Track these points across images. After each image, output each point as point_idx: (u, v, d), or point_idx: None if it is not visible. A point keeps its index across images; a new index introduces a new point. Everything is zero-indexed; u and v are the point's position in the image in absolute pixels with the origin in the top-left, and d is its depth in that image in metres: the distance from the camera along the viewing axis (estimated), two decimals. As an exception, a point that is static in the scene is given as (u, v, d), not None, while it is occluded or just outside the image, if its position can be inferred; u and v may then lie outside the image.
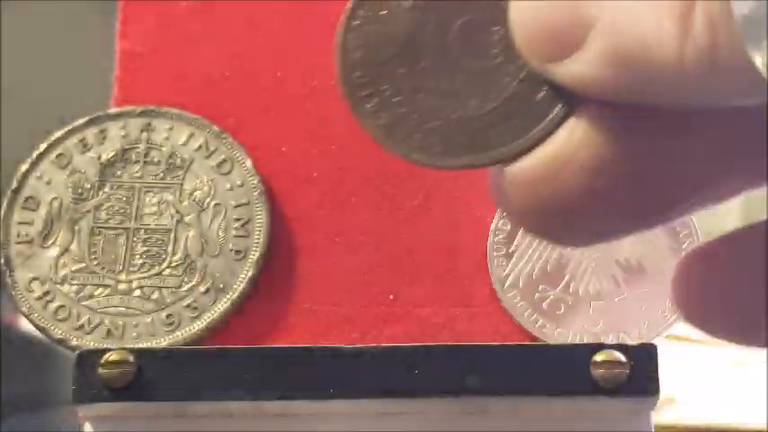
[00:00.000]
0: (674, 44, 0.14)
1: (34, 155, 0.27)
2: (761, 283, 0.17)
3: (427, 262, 0.27)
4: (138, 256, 0.26)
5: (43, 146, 0.27)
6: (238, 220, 0.26)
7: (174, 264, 0.26)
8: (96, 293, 0.26)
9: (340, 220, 0.27)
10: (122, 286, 0.26)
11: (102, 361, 0.24)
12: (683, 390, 0.51)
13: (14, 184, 0.26)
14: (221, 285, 0.26)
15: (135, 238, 0.26)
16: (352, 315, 0.26)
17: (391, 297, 0.27)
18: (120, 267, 0.26)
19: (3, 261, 0.26)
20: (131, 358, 0.24)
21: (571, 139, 0.17)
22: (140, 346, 0.25)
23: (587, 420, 0.24)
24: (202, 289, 0.26)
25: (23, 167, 0.27)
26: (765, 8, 0.12)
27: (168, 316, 0.25)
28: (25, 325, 0.59)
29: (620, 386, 0.23)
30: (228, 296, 0.26)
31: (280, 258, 0.27)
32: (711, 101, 0.15)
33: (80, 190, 0.27)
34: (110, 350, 0.24)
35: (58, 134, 0.27)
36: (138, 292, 0.26)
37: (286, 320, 0.26)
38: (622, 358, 0.23)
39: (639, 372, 0.23)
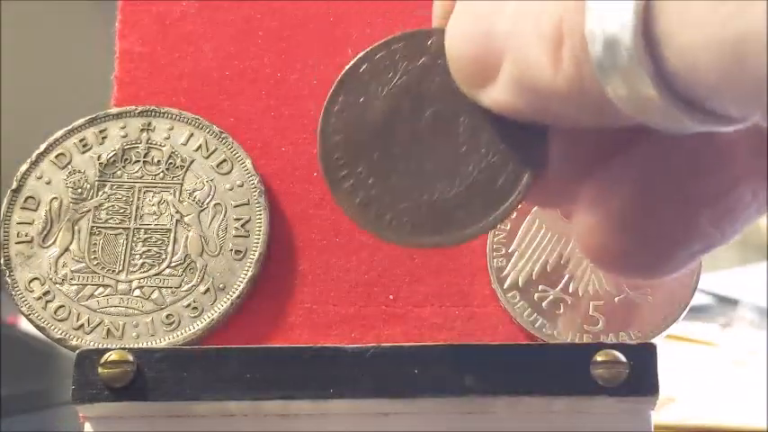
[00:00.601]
0: (549, 74, 0.17)
1: (34, 155, 0.27)
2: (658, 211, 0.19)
3: (427, 262, 0.27)
4: (137, 256, 0.26)
5: (43, 146, 0.27)
6: (238, 220, 0.26)
7: (174, 264, 0.26)
8: (96, 293, 0.26)
9: (340, 220, 0.27)
10: (122, 286, 0.26)
11: (102, 361, 0.24)
12: (683, 390, 0.51)
13: (14, 184, 0.26)
14: (221, 285, 0.26)
15: (135, 238, 0.26)
16: (352, 315, 0.26)
17: (391, 297, 0.27)
18: (120, 267, 0.26)
19: (3, 261, 0.26)
20: (131, 358, 0.24)
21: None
22: (140, 346, 0.25)
23: (587, 420, 0.24)
24: (202, 289, 0.26)
25: (23, 167, 0.27)
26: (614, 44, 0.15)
27: (168, 316, 0.25)
28: (25, 325, 0.59)
29: (620, 386, 0.23)
30: (228, 296, 0.26)
31: (280, 258, 0.27)
32: (598, 121, 0.18)
33: (80, 190, 0.27)
34: (110, 350, 0.24)
35: (58, 134, 0.27)
36: (137, 292, 0.26)
37: (286, 320, 0.26)
38: (622, 358, 0.23)
39: (639, 372, 0.23)
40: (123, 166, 0.27)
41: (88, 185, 0.27)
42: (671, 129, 0.17)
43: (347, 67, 0.23)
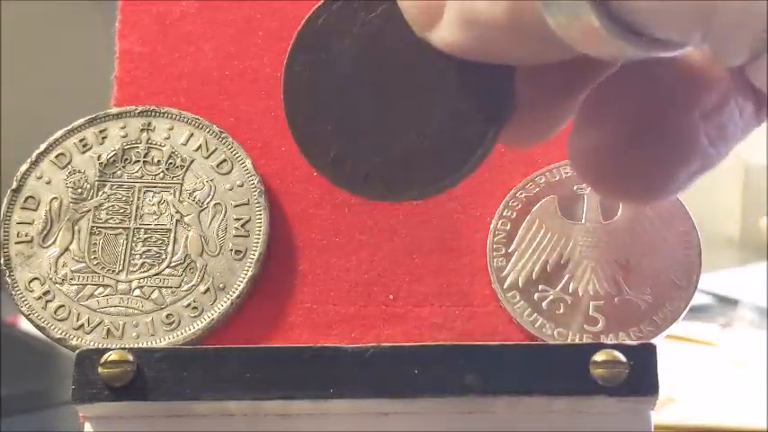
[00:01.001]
0: (487, 6, 0.17)
1: (34, 155, 0.27)
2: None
3: (427, 262, 0.27)
4: (137, 256, 0.26)
5: (43, 146, 0.27)
6: (238, 219, 0.26)
7: (173, 263, 0.26)
8: (96, 293, 0.26)
9: (340, 220, 0.27)
10: (122, 286, 0.26)
11: (102, 360, 0.24)
12: (683, 390, 0.51)
13: (14, 184, 0.26)
14: (221, 285, 0.26)
15: (135, 238, 0.26)
16: (352, 315, 0.26)
17: (391, 297, 0.27)
18: (120, 267, 0.26)
19: (3, 261, 0.26)
20: (131, 358, 0.24)
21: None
22: (140, 345, 0.25)
23: (587, 420, 0.24)
24: (202, 289, 0.26)
25: (23, 167, 0.27)
26: None
27: (168, 316, 0.25)
28: (25, 325, 0.59)
29: (620, 386, 0.23)
30: (228, 296, 0.26)
31: (280, 258, 0.27)
32: (542, 55, 0.18)
33: (80, 190, 0.27)
34: (110, 350, 0.24)
35: (57, 134, 0.27)
36: (137, 292, 0.26)
37: (286, 320, 0.26)
38: (622, 358, 0.23)
39: (639, 371, 0.23)
40: (123, 166, 0.27)
41: (88, 185, 0.27)
42: (615, 57, 0.17)
43: (304, 20, 0.22)
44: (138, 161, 0.27)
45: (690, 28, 0.15)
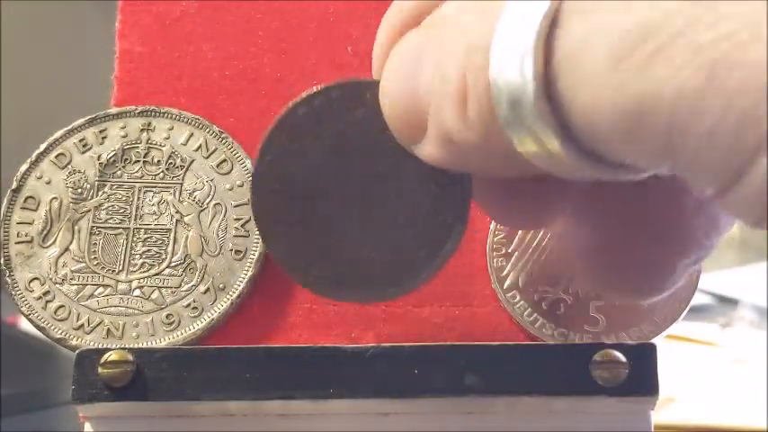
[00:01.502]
0: (460, 128, 0.17)
1: (34, 155, 0.27)
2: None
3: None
4: (137, 256, 0.26)
5: (43, 146, 0.27)
6: (238, 220, 0.26)
7: (173, 263, 0.26)
8: (96, 293, 0.26)
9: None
10: (122, 286, 0.26)
11: (102, 361, 0.24)
12: (683, 390, 0.51)
13: (14, 184, 0.26)
14: (221, 285, 0.26)
15: (135, 238, 0.26)
16: (352, 315, 0.26)
17: (391, 297, 0.27)
18: (120, 267, 0.26)
19: (3, 261, 0.26)
20: (131, 358, 0.24)
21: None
22: (140, 346, 0.25)
23: (587, 420, 0.24)
24: (202, 289, 0.26)
25: (23, 167, 0.27)
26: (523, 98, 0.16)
27: (168, 316, 0.25)
28: (25, 325, 0.59)
29: (620, 386, 0.23)
30: (228, 296, 0.26)
31: (280, 258, 0.27)
32: (515, 171, 0.18)
33: (80, 190, 0.27)
34: (109, 350, 0.24)
35: (57, 134, 0.27)
36: (137, 292, 0.26)
37: (286, 320, 0.26)
38: (622, 358, 0.23)
39: (639, 372, 0.23)
40: (123, 166, 0.27)
41: (88, 185, 0.27)
42: (584, 179, 0.17)
43: (283, 110, 0.23)
44: (138, 161, 0.27)
45: (658, 160, 0.15)
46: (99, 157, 0.27)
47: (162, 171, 0.27)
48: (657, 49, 0.14)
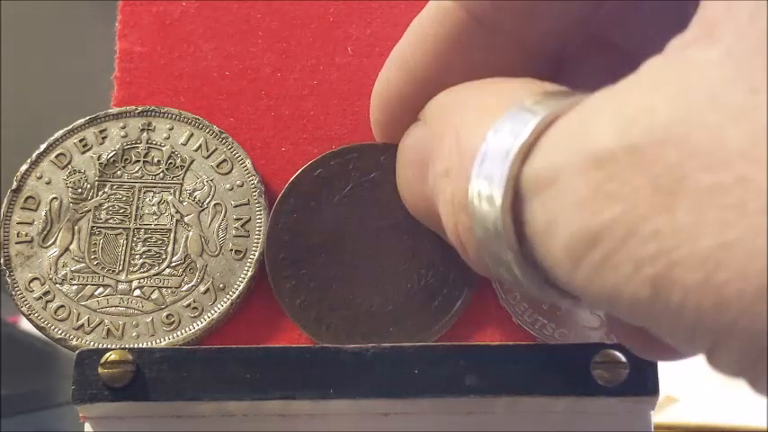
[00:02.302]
0: (457, 242, 0.19)
1: (34, 155, 0.27)
2: None
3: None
4: (138, 256, 0.26)
5: (43, 146, 0.27)
6: (238, 220, 0.26)
7: (174, 264, 0.26)
8: (96, 293, 0.26)
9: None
10: (122, 286, 0.26)
11: (102, 361, 0.24)
12: (683, 390, 0.51)
13: (14, 184, 0.26)
14: (221, 285, 0.26)
15: (135, 238, 0.26)
16: (352, 315, 0.26)
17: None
18: (120, 267, 0.26)
19: (3, 261, 0.26)
20: (131, 358, 0.24)
21: None
22: (140, 346, 0.25)
23: (587, 420, 0.24)
24: (202, 289, 0.26)
25: (23, 167, 0.27)
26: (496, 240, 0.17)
27: (168, 316, 0.25)
28: (25, 325, 0.59)
29: (620, 386, 0.23)
30: (228, 296, 0.26)
31: (280, 258, 0.27)
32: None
33: (80, 190, 0.27)
34: (110, 350, 0.24)
35: (57, 134, 0.27)
36: (137, 292, 0.26)
37: (286, 320, 0.26)
38: (622, 358, 0.23)
39: (639, 372, 0.23)
40: (123, 166, 0.27)
41: (88, 185, 0.27)
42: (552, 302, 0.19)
43: (301, 169, 0.25)
44: (138, 161, 0.27)
45: (613, 311, 0.16)
46: (99, 157, 0.27)
47: (162, 171, 0.27)
48: (606, 257, 0.14)
